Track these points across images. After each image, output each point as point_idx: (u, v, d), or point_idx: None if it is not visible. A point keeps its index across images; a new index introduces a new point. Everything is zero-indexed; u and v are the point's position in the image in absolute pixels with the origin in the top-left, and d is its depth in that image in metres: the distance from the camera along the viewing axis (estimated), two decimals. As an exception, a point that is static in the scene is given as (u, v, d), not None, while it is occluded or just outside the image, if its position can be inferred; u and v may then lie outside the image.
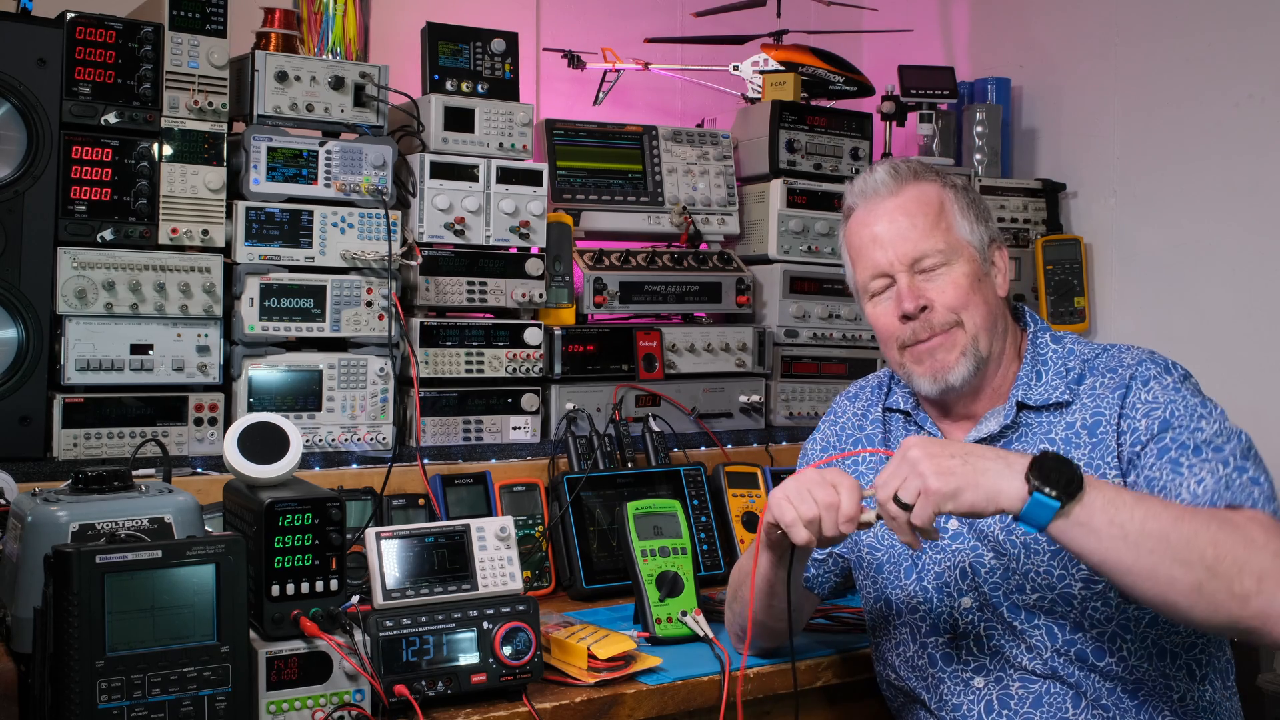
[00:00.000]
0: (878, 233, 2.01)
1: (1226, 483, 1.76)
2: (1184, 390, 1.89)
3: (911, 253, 1.98)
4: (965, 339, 1.97)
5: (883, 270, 2.01)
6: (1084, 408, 1.94)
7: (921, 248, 1.98)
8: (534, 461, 2.83)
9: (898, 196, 2.02)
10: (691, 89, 3.76)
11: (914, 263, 1.98)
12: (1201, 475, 1.78)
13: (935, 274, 1.98)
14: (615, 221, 3.17)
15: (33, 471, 2.33)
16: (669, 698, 2.06)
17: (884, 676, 2.14)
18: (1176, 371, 1.93)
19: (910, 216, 1.99)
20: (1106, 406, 1.92)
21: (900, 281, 1.99)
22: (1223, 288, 3.20)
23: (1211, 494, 1.75)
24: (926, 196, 2.02)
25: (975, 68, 3.85)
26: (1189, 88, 3.28)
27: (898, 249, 1.99)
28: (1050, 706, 1.91)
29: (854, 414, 2.22)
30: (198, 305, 2.56)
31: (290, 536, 1.79)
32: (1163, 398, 1.88)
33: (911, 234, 1.98)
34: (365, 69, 2.74)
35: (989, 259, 2.03)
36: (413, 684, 1.85)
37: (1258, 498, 1.74)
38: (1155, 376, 1.91)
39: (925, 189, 2.02)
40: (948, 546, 2.00)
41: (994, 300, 2.02)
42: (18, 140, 2.38)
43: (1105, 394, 1.93)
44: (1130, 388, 1.91)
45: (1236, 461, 1.79)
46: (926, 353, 1.99)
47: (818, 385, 3.30)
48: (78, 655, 1.57)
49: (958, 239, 2.00)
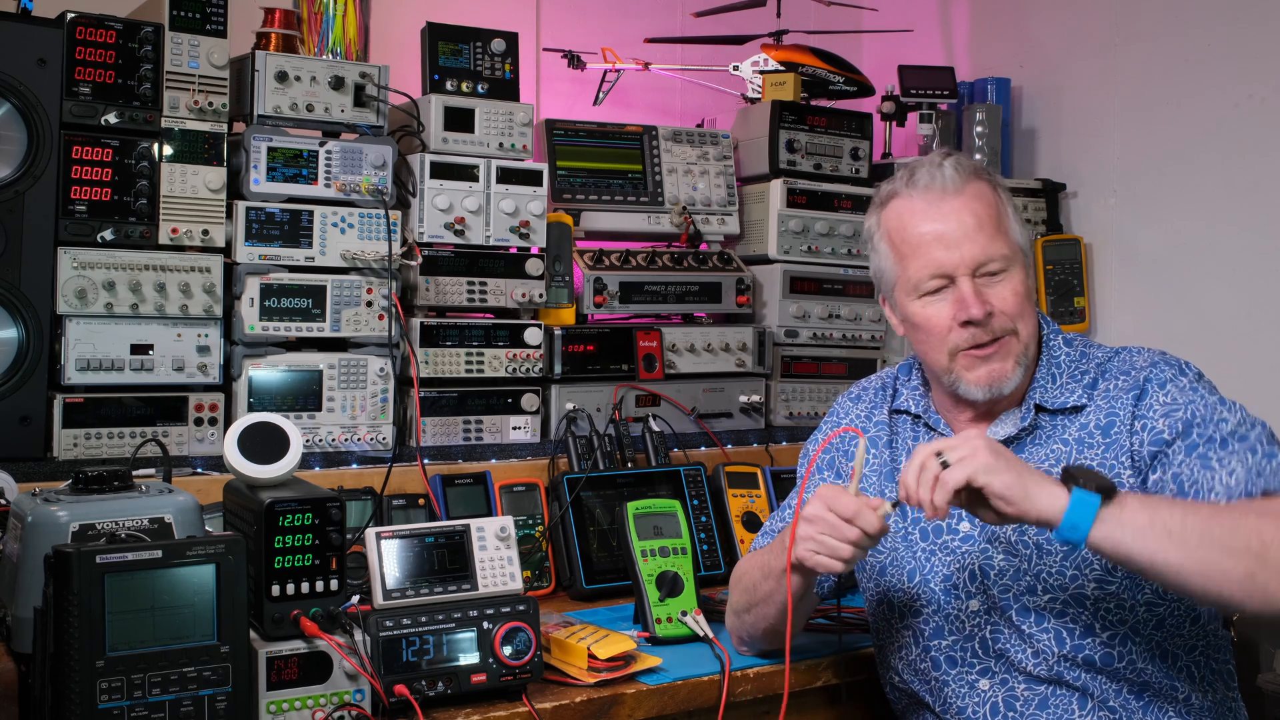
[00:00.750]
0: (943, 231, 1.94)
1: (1258, 470, 1.77)
2: (1200, 389, 1.89)
3: (979, 256, 1.92)
4: (1019, 347, 1.94)
5: (945, 271, 1.94)
6: (1098, 409, 1.94)
7: (989, 251, 1.92)
8: (534, 461, 2.83)
9: (962, 195, 1.95)
10: (691, 89, 3.76)
11: (979, 266, 1.92)
12: (1233, 466, 1.78)
13: (997, 279, 1.93)
14: (615, 221, 3.17)
15: (33, 471, 2.33)
16: (669, 698, 2.06)
17: (888, 679, 2.13)
18: (1190, 372, 1.93)
19: (977, 218, 1.93)
20: (1120, 408, 1.92)
21: (963, 285, 1.92)
22: (1223, 288, 3.20)
23: (1245, 484, 1.76)
24: (986, 197, 1.96)
25: (975, 68, 3.84)
26: (1189, 88, 3.28)
27: (964, 251, 1.92)
28: (1056, 709, 1.91)
29: (858, 416, 2.20)
30: (198, 305, 2.56)
31: (290, 536, 1.79)
32: (1181, 398, 1.88)
33: (979, 236, 1.92)
34: (365, 69, 2.74)
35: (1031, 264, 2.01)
36: (413, 684, 1.85)
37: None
38: (1171, 379, 1.91)
39: (983, 189, 1.97)
40: (957, 549, 1.99)
41: (1036, 307, 2.01)
42: (18, 140, 2.38)
43: (1119, 395, 1.93)
44: (1146, 390, 1.91)
45: (1265, 448, 1.80)
46: (983, 359, 1.94)
47: (818, 385, 3.30)
48: (78, 655, 1.57)
49: (1015, 244, 1.96)
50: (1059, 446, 1.94)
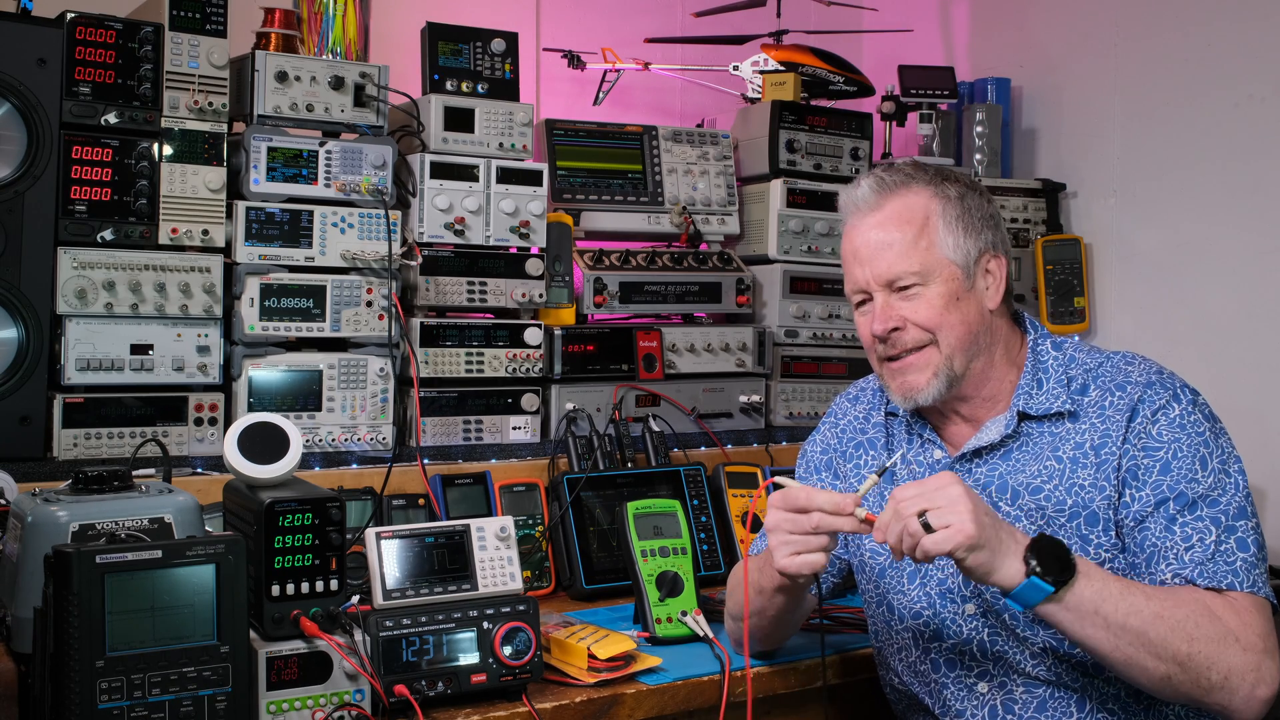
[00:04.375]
0: (857, 248, 1.99)
1: (1214, 551, 1.80)
2: (1188, 425, 1.89)
3: (886, 274, 1.96)
4: (939, 359, 1.96)
5: (860, 287, 2.00)
6: (1093, 428, 1.93)
7: (896, 269, 1.95)
8: (534, 461, 2.83)
9: (879, 212, 1.98)
10: (691, 89, 3.76)
11: (889, 283, 1.96)
12: (1192, 541, 1.82)
13: (910, 293, 1.95)
14: (615, 221, 3.17)
15: (33, 471, 2.33)
16: (669, 698, 2.06)
17: (887, 680, 2.13)
18: (1184, 399, 1.92)
19: (888, 234, 1.96)
20: (1114, 428, 1.91)
21: (876, 300, 1.97)
22: (1223, 288, 3.20)
23: (1198, 568, 1.80)
24: (910, 212, 1.97)
25: (975, 68, 3.85)
26: (1189, 88, 3.28)
27: (874, 268, 1.97)
28: (1054, 712, 1.90)
29: (855, 417, 2.20)
30: (198, 305, 2.56)
31: (290, 536, 1.79)
32: (1168, 436, 1.88)
33: (887, 254, 1.95)
34: (365, 69, 2.74)
35: (976, 273, 1.97)
36: (413, 684, 1.85)
37: (1240, 570, 1.80)
38: (1163, 406, 1.90)
39: (911, 201, 1.98)
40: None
41: (975, 316, 1.97)
42: (18, 140, 2.38)
43: (1113, 415, 1.92)
44: (1137, 412, 1.91)
45: (1228, 520, 1.83)
46: (899, 370, 1.98)
47: (818, 385, 3.30)
48: (78, 655, 1.57)
49: (937, 258, 1.95)
50: (1052, 463, 1.94)
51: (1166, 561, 1.82)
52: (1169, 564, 1.82)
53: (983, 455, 1.99)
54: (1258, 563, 1.82)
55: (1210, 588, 1.79)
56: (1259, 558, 1.83)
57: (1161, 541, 1.84)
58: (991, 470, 1.98)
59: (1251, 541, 1.83)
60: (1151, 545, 1.85)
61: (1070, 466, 1.92)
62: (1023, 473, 1.95)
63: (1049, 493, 1.92)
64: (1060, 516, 1.91)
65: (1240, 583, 1.79)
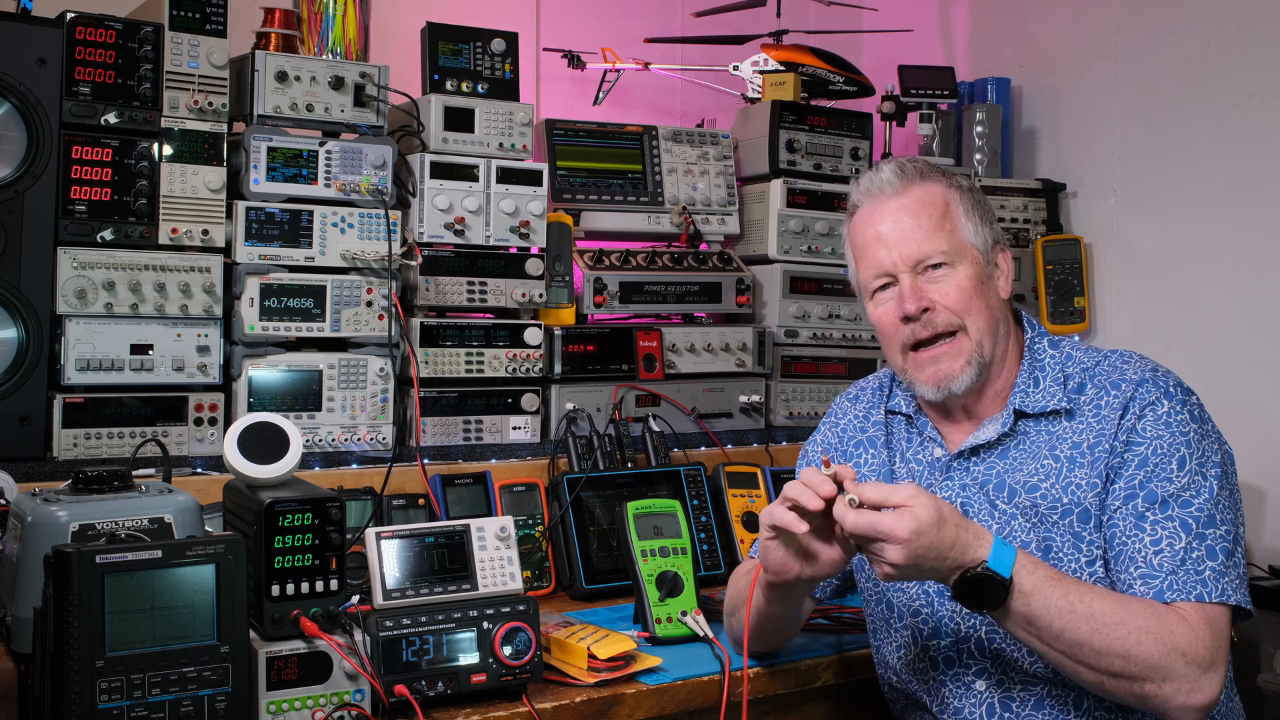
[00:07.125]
0: (882, 232, 2.00)
1: (1183, 558, 1.80)
2: (1173, 423, 1.89)
3: (915, 254, 1.97)
4: (970, 346, 1.96)
5: (886, 270, 2.00)
6: (1089, 427, 1.94)
7: (925, 249, 1.97)
8: (534, 461, 2.83)
9: (903, 196, 2.00)
10: (691, 89, 3.76)
11: (917, 263, 1.97)
12: (1161, 545, 1.82)
13: (938, 275, 1.97)
14: (615, 221, 3.17)
15: (33, 471, 2.33)
16: (669, 698, 2.06)
17: (885, 679, 2.13)
18: (1175, 396, 1.92)
19: (915, 217, 1.98)
20: (1108, 426, 1.92)
21: (903, 282, 1.98)
22: (1223, 288, 3.20)
23: (1166, 579, 1.80)
24: (932, 197, 2.00)
25: (975, 68, 3.85)
26: (1189, 88, 3.28)
27: (902, 249, 1.98)
28: (1052, 709, 1.91)
29: (855, 416, 2.21)
30: (198, 305, 2.56)
31: (290, 536, 1.79)
32: (1151, 432, 1.89)
33: (916, 234, 1.97)
34: (365, 69, 2.74)
35: (992, 261, 2.02)
36: (413, 684, 1.85)
37: (1208, 579, 1.79)
38: (1152, 403, 1.91)
39: (931, 189, 2.01)
40: None
41: (996, 303, 2.00)
42: (18, 140, 2.38)
43: (1108, 413, 1.93)
44: (1128, 409, 1.91)
45: (1199, 527, 1.82)
46: (930, 360, 1.98)
47: (818, 385, 3.30)
48: (78, 655, 1.57)
49: (962, 241, 1.98)
50: (1049, 462, 1.94)
51: (1135, 565, 1.83)
52: (1138, 568, 1.82)
53: (980, 453, 2.00)
54: (1227, 570, 1.81)
55: (1173, 601, 1.79)
56: (1229, 564, 1.82)
57: (1130, 541, 1.84)
58: (989, 469, 1.98)
59: (1220, 549, 1.82)
60: (1120, 543, 1.85)
61: (1067, 465, 1.93)
62: (1019, 471, 1.96)
63: (1045, 491, 1.92)
64: (1054, 515, 1.91)
65: (1208, 593, 1.79)
